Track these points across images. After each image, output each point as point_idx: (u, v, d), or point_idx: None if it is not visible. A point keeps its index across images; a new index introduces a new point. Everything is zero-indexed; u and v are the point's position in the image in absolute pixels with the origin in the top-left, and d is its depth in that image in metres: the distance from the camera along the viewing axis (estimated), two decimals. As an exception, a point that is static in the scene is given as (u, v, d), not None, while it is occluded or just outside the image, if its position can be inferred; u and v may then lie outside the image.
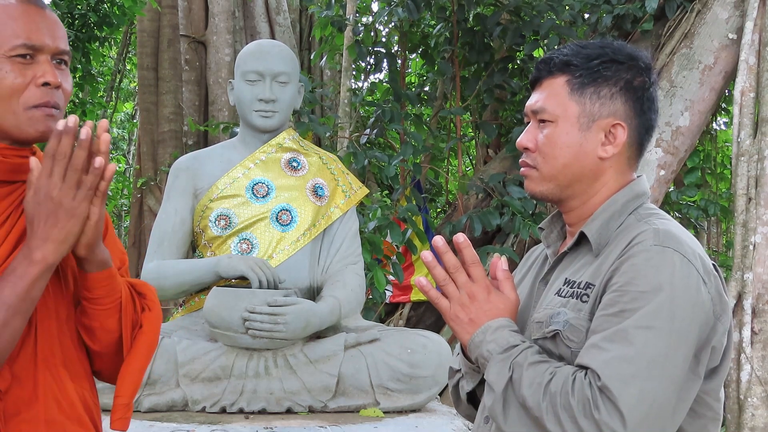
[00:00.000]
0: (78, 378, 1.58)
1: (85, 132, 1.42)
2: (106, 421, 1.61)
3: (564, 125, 1.54)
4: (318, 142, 6.67)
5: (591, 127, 1.54)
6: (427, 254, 1.48)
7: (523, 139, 1.58)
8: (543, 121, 1.56)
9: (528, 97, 1.61)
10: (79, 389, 1.58)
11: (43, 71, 1.50)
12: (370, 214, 5.18)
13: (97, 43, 7.83)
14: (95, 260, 1.52)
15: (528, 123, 1.61)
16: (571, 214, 1.60)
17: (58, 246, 1.44)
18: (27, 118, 1.50)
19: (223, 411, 3.07)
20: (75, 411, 1.55)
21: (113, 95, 12.34)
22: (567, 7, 6.00)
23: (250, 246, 3.36)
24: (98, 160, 1.43)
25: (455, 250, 1.55)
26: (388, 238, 5.38)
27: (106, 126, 1.46)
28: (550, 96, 1.56)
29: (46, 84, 1.50)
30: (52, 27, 1.54)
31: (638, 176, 1.60)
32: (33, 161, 1.45)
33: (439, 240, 1.50)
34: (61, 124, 1.42)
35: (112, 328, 1.58)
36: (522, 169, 1.61)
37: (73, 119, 1.42)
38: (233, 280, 3.27)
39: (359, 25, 6.11)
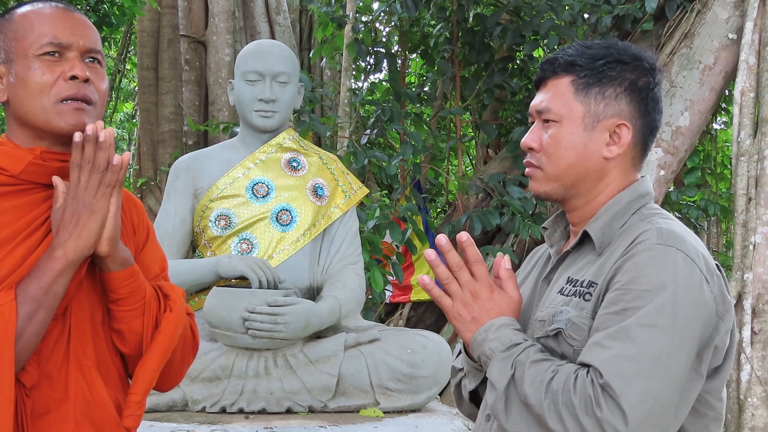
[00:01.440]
0: (112, 381, 1.61)
1: (104, 135, 1.48)
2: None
3: (569, 125, 1.54)
4: (318, 142, 6.68)
5: (596, 128, 1.54)
6: (430, 252, 1.49)
7: (528, 139, 1.58)
8: (547, 121, 1.56)
9: (528, 97, 1.62)
10: (112, 392, 1.60)
11: (71, 66, 1.55)
12: (369, 214, 5.18)
13: (97, 43, 7.81)
14: (117, 257, 1.56)
15: (532, 123, 1.61)
16: (574, 214, 1.60)
17: (78, 242, 1.49)
18: (56, 112, 1.54)
19: (223, 411, 3.07)
20: (106, 413, 1.57)
21: (113, 95, 12.34)
22: (567, 7, 6.01)
23: (250, 246, 3.36)
24: (116, 158, 1.49)
25: (458, 248, 1.55)
26: (387, 239, 5.38)
27: (102, 125, 1.51)
28: (555, 96, 1.56)
29: (74, 78, 1.54)
30: (80, 27, 1.59)
31: (642, 176, 1.60)
32: (56, 180, 1.52)
33: (442, 238, 1.50)
34: (78, 136, 1.49)
35: (138, 330, 1.61)
36: (527, 169, 1.61)
37: (91, 128, 1.48)
38: (233, 280, 3.27)
39: (359, 23, 6.12)
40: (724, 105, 6.90)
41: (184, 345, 1.72)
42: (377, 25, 6.83)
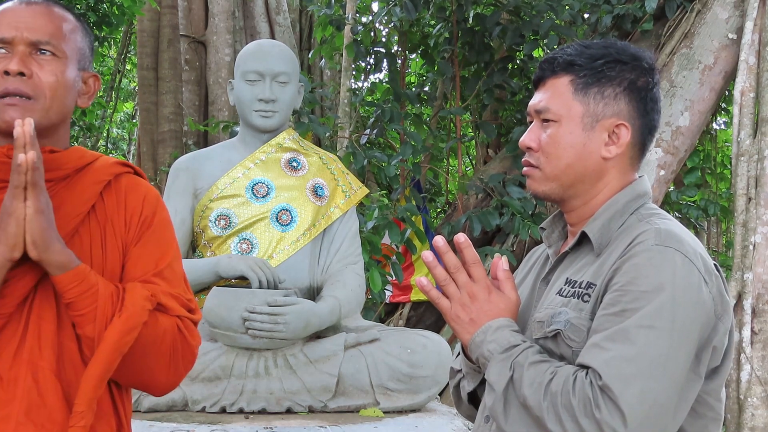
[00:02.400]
0: (77, 385, 1.54)
1: (18, 131, 1.41)
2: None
3: (568, 125, 1.54)
4: (318, 142, 6.67)
5: (595, 128, 1.54)
6: (428, 254, 1.48)
7: (526, 138, 1.58)
8: (546, 120, 1.56)
9: (528, 97, 1.62)
10: (74, 396, 1.53)
11: (7, 61, 1.51)
12: (368, 214, 5.18)
13: (96, 43, 7.82)
14: (52, 261, 1.47)
15: (530, 122, 1.61)
16: (572, 214, 1.60)
17: (6, 250, 1.44)
18: None
19: (223, 411, 3.07)
20: (55, 417, 1.51)
21: (113, 95, 12.34)
22: (567, 7, 6.00)
23: (250, 246, 3.36)
24: (20, 157, 1.41)
25: (456, 250, 1.55)
26: (386, 240, 5.38)
27: (25, 122, 1.44)
28: (554, 96, 1.55)
29: (6, 73, 1.50)
30: (28, 18, 1.54)
31: (640, 176, 1.60)
32: None
33: (439, 240, 1.50)
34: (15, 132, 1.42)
35: (91, 335, 1.52)
36: (525, 168, 1.61)
37: (18, 123, 1.42)
38: (233, 280, 3.27)
39: (358, 25, 6.12)
40: (724, 105, 6.89)
41: (162, 346, 1.60)
42: (377, 25, 6.83)
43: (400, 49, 7.10)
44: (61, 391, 1.53)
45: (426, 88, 7.50)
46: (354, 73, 7.27)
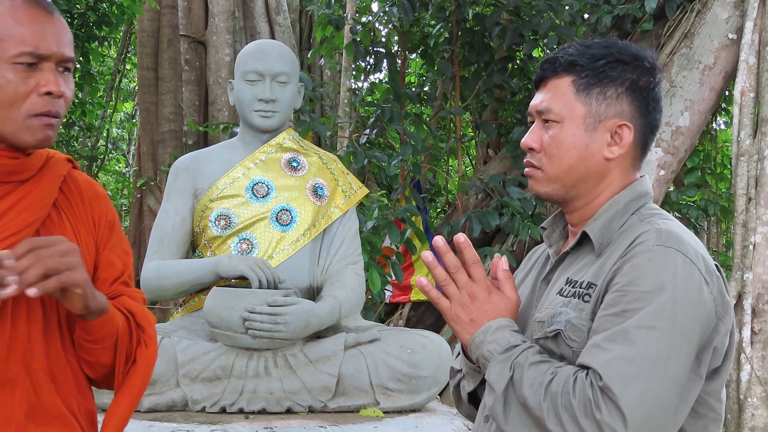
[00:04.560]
0: (67, 387, 1.56)
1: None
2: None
3: (570, 126, 1.53)
4: (318, 142, 6.67)
5: (597, 128, 1.53)
6: (427, 254, 1.48)
7: (528, 139, 1.58)
8: (548, 121, 1.56)
9: (528, 97, 1.61)
10: (65, 398, 1.55)
11: (47, 80, 1.47)
12: (368, 214, 5.17)
13: (96, 43, 7.82)
14: (92, 311, 1.49)
15: (531, 123, 1.61)
16: (574, 215, 1.60)
17: None
18: (26, 126, 1.47)
19: (223, 411, 3.07)
20: (55, 419, 1.52)
21: (113, 95, 12.34)
22: (566, 7, 6.00)
23: (250, 246, 3.36)
24: None
25: (456, 250, 1.55)
26: (387, 243, 5.38)
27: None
28: (556, 96, 1.55)
29: (48, 93, 1.47)
30: (59, 33, 1.50)
31: (641, 176, 1.60)
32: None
33: (439, 240, 1.50)
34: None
35: (108, 363, 1.58)
36: (526, 169, 1.60)
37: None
38: (233, 280, 3.27)
39: (357, 24, 6.12)
40: (724, 105, 6.89)
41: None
42: (377, 25, 6.83)
43: (399, 49, 7.10)
44: (55, 391, 1.54)
45: (426, 88, 7.50)
46: (354, 73, 7.27)
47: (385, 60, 6.25)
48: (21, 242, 1.38)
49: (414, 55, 8.01)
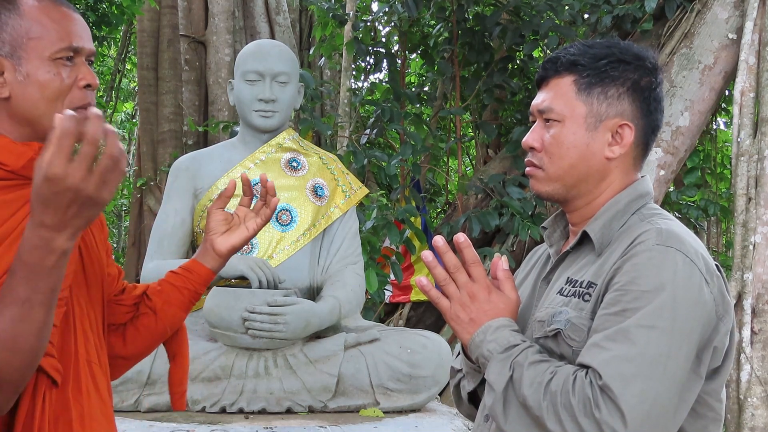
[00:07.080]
0: (106, 374, 1.62)
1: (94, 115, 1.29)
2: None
3: (571, 125, 1.54)
4: (318, 142, 6.67)
5: (598, 128, 1.53)
6: (427, 254, 1.48)
7: (529, 138, 1.58)
8: (549, 120, 1.56)
9: (528, 97, 1.62)
10: (108, 385, 1.61)
11: (83, 73, 1.56)
12: (367, 214, 5.18)
13: (96, 43, 7.83)
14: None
15: (533, 122, 1.60)
16: (575, 214, 1.60)
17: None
18: None
19: (223, 411, 3.07)
20: (108, 413, 1.57)
21: (113, 95, 12.34)
22: (566, 7, 6.00)
23: (250, 246, 3.36)
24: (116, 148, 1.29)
25: (455, 250, 1.55)
26: (387, 243, 5.38)
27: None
28: (557, 96, 1.55)
29: (87, 86, 1.56)
30: (85, 29, 1.59)
31: (642, 176, 1.60)
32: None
33: (439, 240, 1.50)
34: (85, 113, 1.28)
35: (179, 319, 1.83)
36: (528, 169, 1.60)
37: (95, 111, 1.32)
38: (233, 280, 3.27)
39: (359, 22, 6.12)
40: (724, 105, 6.90)
41: None
42: (377, 24, 6.83)
43: (399, 48, 7.10)
44: (106, 382, 1.60)
45: (426, 88, 7.51)
46: (354, 72, 7.27)
47: (385, 60, 6.26)
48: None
49: (414, 55, 8.02)
